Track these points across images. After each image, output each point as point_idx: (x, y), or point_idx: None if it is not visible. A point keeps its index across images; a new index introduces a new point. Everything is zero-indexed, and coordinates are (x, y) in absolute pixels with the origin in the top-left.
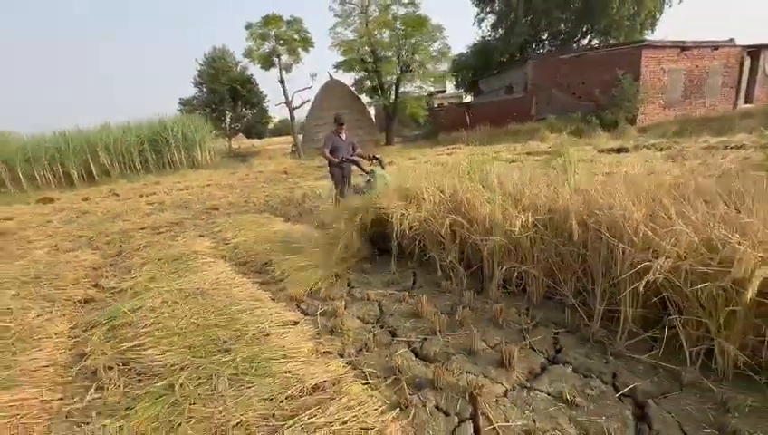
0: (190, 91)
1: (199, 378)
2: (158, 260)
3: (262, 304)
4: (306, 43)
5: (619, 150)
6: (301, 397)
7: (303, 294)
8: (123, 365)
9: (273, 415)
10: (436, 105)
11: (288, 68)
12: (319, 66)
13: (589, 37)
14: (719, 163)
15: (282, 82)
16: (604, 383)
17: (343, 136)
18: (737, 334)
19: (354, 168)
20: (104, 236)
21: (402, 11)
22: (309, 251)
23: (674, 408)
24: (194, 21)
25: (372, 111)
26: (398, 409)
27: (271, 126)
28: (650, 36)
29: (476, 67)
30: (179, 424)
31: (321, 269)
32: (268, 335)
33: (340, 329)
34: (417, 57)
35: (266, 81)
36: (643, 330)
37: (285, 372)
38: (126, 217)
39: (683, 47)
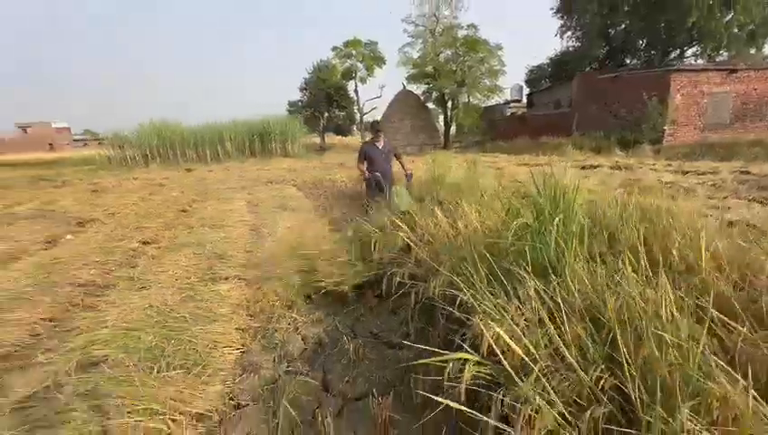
0: (297, 95)
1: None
2: (217, 200)
3: (240, 219)
4: (379, 61)
5: (583, 167)
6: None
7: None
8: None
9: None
10: (508, 114)
11: (363, 80)
12: (387, 77)
13: (679, 51)
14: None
15: (356, 91)
16: None
17: (380, 145)
18: None
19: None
20: (203, 191)
21: (462, 33)
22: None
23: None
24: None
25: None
26: None
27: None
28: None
29: (552, 79)
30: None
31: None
32: (225, 226)
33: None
34: (471, 73)
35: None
36: None
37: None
38: (222, 182)
39: (732, 69)
